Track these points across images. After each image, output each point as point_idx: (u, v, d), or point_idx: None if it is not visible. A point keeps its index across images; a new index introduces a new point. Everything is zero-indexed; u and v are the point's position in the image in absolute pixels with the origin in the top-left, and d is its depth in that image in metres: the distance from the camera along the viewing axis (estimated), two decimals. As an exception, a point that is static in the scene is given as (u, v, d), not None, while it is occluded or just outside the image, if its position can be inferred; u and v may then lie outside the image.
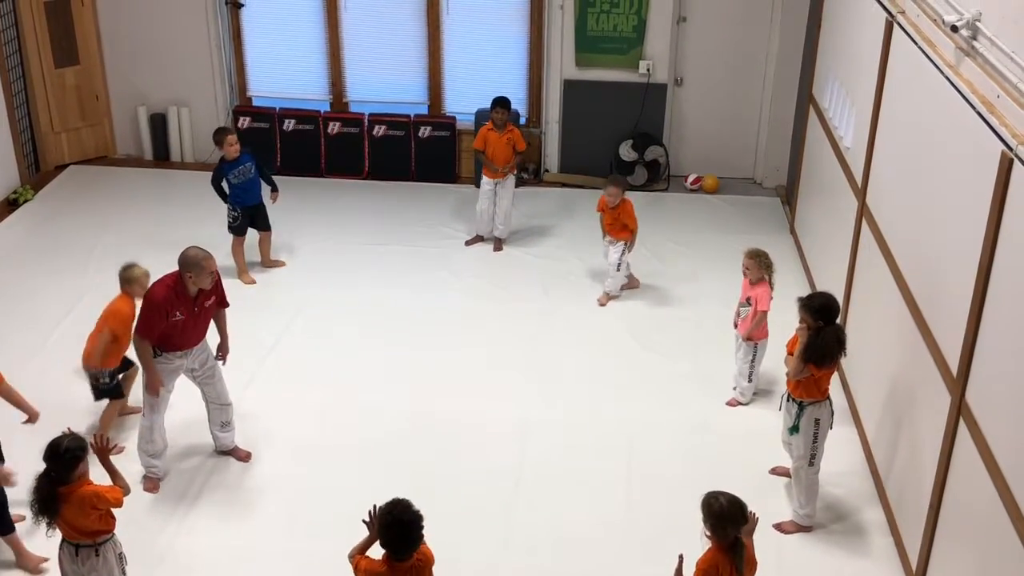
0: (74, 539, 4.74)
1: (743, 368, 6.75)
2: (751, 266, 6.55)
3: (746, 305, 6.63)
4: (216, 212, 9.50)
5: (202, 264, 5.63)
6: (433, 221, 9.50)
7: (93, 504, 4.67)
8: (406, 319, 7.83)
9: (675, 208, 9.86)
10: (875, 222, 6.47)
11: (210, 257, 5.69)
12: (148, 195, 9.85)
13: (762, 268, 6.54)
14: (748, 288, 6.63)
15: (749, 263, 6.56)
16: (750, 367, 6.73)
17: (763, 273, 6.55)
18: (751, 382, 6.78)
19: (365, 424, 6.60)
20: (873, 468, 6.18)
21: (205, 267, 5.64)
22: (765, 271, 6.55)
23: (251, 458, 6.25)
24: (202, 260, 5.64)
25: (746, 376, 6.76)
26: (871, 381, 6.34)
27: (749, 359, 6.71)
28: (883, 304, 6.13)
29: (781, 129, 10.06)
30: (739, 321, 6.72)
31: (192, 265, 5.62)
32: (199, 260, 5.64)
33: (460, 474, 6.14)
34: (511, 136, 8.68)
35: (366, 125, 10.34)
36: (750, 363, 6.71)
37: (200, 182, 10.22)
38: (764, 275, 6.55)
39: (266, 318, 7.73)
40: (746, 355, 6.70)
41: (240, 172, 8.06)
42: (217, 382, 6.06)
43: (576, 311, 8.01)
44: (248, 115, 10.39)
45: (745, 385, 6.79)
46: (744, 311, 6.66)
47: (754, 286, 6.58)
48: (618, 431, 6.57)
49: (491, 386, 7.03)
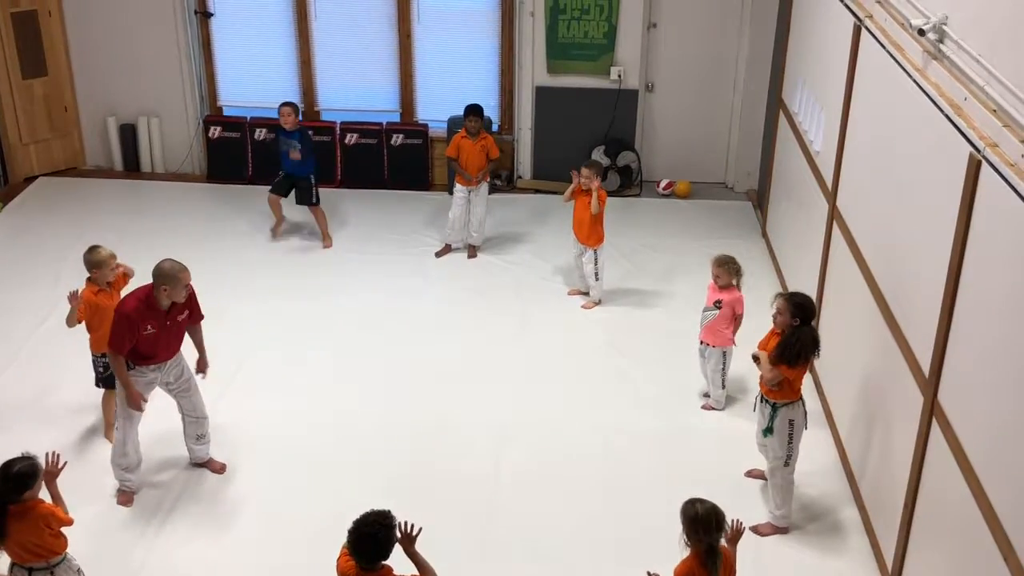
0: (26, 562, 4.67)
1: (715, 377, 6.74)
2: (720, 274, 6.53)
3: (712, 309, 6.61)
4: (189, 224, 9.45)
5: (178, 277, 5.58)
6: (406, 229, 9.49)
7: (47, 523, 4.61)
8: (380, 327, 7.81)
9: (647, 213, 9.89)
10: (846, 225, 6.51)
11: (185, 270, 5.64)
12: (119, 207, 9.77)
13: (731, 274, 6.53)
14: (716, 292, 6.62)
15: (718, 271, 6.53)
16: (722, 374, 6.73)
17: (732, 279, 6.54)
18: (724, 388, 6.79)
19: (341, 434, 6.57)
20: (847, 468, 6.21)
21: (180, 280, 5.60)
22: (734, 277, 6.55)
23: (226, 470, 6.20)
24: (178, 273, 5.60)
25: (719, 384, 6.76)
26: (844, 383, 6.38)
27: (720, 367, 6.71)
28: (855, 306, 6.17)
29: (752, 134, 10.12)
30: (703, 327, 6.69)
31: (167, 278, 5.57)
32: (174, 273, 5.59)
33: (436, 481, 6.13)
34: (484, 143, 8.68)
35: (338, 133, 10.31)
36: (721, 371, 6.72)
37: (172, 193, 10.21)
38: (734, 281, 6.55)
39: (239, 328, 7.68)
40: (717, 364, 6.70)
41: (286, 142, 8.72)
42: (193, 394, 6.02)
43: (550, 316, 8.02)
44: (219, 125, 10.33)
45: (719, 392, 6.80)
46: (709, 315, 6.63)
47: (723, 290, 6.58)
48: (594, 436, 6.58)
49: (467, 392, 7.02)
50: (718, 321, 6.57)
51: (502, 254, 9.05)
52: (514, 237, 9.37)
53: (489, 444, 6.48)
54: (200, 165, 10.62)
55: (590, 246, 7.94)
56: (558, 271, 8.68)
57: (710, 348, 6.67)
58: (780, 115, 8.83)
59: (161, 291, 5.58)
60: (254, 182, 10.23)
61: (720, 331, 6.58)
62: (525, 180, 10.49)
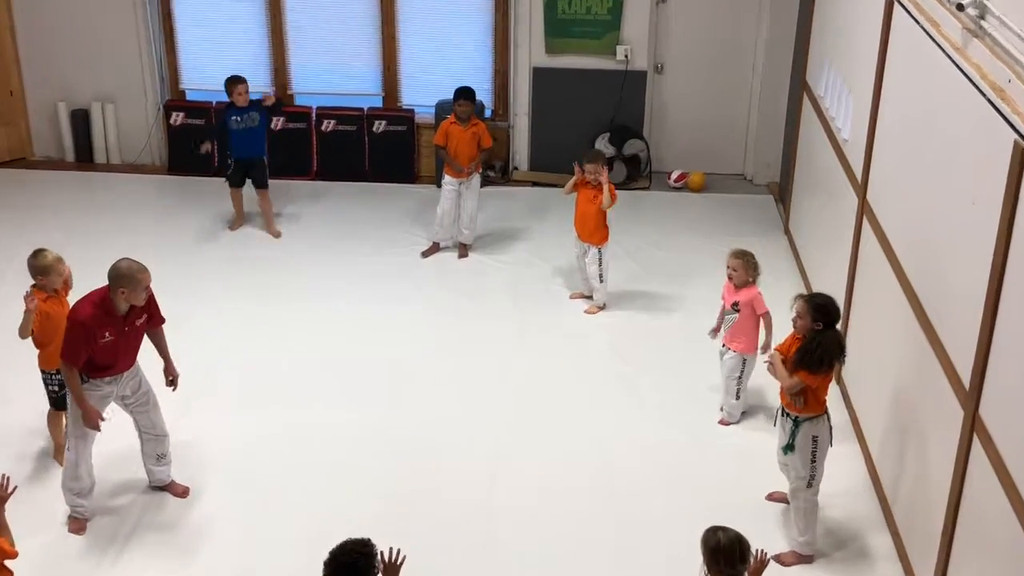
0: None
1: (730, 384, 6.74)
2: (738, 267, 6.54)
3: (732, 312, 6.62)
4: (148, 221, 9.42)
5: (136, 278, 5.57)
6: (391, 226, 9.47)
7: None
8: (360, 335, 7.79)
9: (658, 208, 9.89)
10: (877, 220, 6.51)
11: (145, 270, 5.63)
12: (70, 201, 9.76)
13: (749, 270, 6.54)
14: (732, 292, 6.62)
15: (736, 264, 6.55)
16: (737, 383, 6.72)
17: (750, 275, 6.55)
18: (739, 399, 6.77)
19: (317, 454, 6.56)
20: (878, 489, 6.21)
21: (140, 281, 5.58)
22: (751, 272, 6.56)
23: (189, 494, 6.18)
24: (136, 273, 5.58)
25: (733, 393, 6.75)
26: (875, 394, 6.38)
27: (736, 375, 6.70)
28: (887, 310, 6.17)
29: (773, 120, 10.13)
30: (726, 332, 6.71)
31: (125, 279, 5.55)
32: (133, 273, 5.57)
33: (422, 506, 6.11)
34: (476, 131, 8.68)
35: (314, 119, 10.30)
36: (737, 378, 6.70)
37: (129, 186, 10.19)
38: (751, 278, 6.56)
39: (203, 336, 7.66)
40: (733, 370, 6.69)
41: (244, 119, 8.76)
42: (151, 410, 6.00)
43: (550, 322, 8.01)
44: (181, 110, 10.33)
45: (733, 403, 6.78)
46: (731, 319, 6.64)
47: (739, 290, 6.57)
48: (599, 454, 6.57)
49: (457, 407, 7.01)
50: (741, 325, 6.57)
51: (496, 253, 9.04)
52: (509, 234, 9.36)
53: (482, 465, 6.47)
54: (160, 155, 10.61)
55: (594, 244, 7.94)
56: (558, 272, 8.67)
57: (729, 352, 6.67)
58: (804, 99, 8.83)
59: (118, 294, 5.56)
60: (220, 174, 10.21)
61: (743, 335, 6.58)
62: (521, 172, 10.49)
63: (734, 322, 6.62)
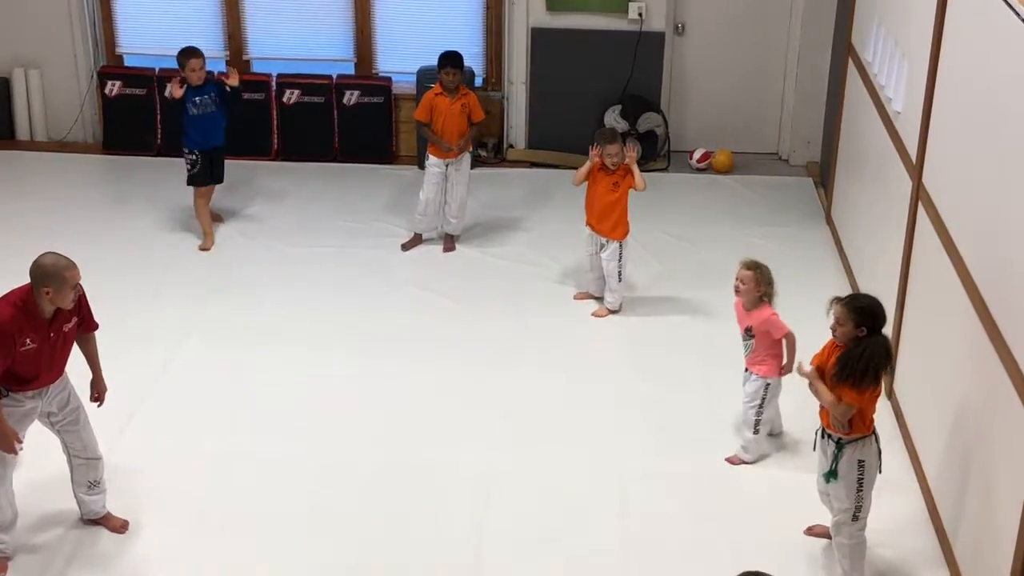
0: None
1: (748, 414, 6.64)
2: (747, 280, 6.41)
3: (747, 338, 6.58)
4: (80, 208, 9.39)
5: (63, 275, 5.56)
6: (364, 214, 9.48)
7: None
8: (328, 344, 7.80)
9: (678, 194, 9.90)
10: (935, 207, 6.53)
11: (73, 267, 5.62)
12: (-13, 185, 9.77)
13: (761, 286, 6.45)
14: (743, 315, 6.56)
15: (745, 276, 6.42)
16: (757, 412, 6.60)
17: (761, 292, 6.45)
18: (758, 432, 6.67)
19: (278, 480, 6.55)
20: (937, 522, 6.22)
21: (67, 279, 5.57)
22: (765, 289, 6.47)
23: (128, 528, 6.18)
24: (63, 270, 5.57)
25: (751, 424, 6.65)
26: (932, 412, 6.39)
27: (756, 402, 6.58)
28: (947, 313, 6.18)
29: (812, 90, 10.15)
30: (746, 357, 6.65)
31: (50, 277, 5.55)
32: (59, 270, 5.57)
33: (398, 546, 6.09)
34: (465, 103, 8.69)
35: (274, 89, 10.30)
36: (757, 407, 6.59)
37: (57, 167, 10.18)
38: (762, 295, 6.46)
39: (144, 343, 7.66)
40: (753, 396, 6.59)
41: (201, 102, 8.55)
42: (82, 429, 5.99)
43: (551, 328, 8.02)
44: (118, 78, 10.33)
45: (749, 437, 6.68)
46: (747, 345, 6.61)
47: (751, 312, 6.51)
48: (607, 485, 6.56)
49: (441, 429, 7.01)
50: (759, 352, 6.53)
51: (488, 247, 9.05)
52: (504, 225, 9.37)
53: (469, 497, 6.45)
54: (94, 131, 10.61)
55: (614, 239, 7.94)
56: (562, 269, 8.68)
57: (751, 376, 6.63)
58: (849, 65, 8.85)
59: (42, 294, 5.56)
60: (165, 153, 10.21)
61: (769, 359, 6.55)
62: (518, 151, 10.50)
63: (751, 349, 6.56)
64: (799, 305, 6.77)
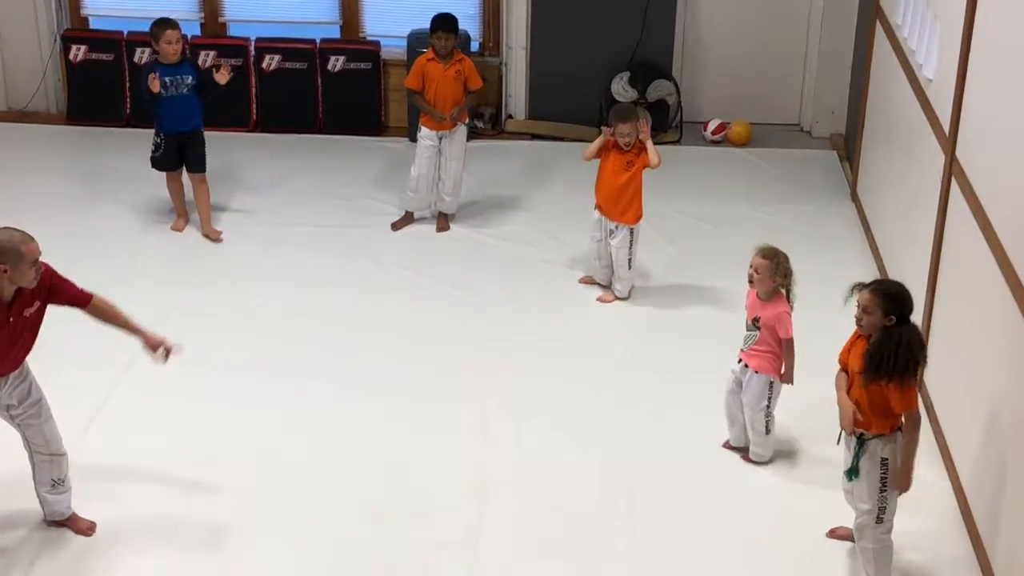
0: None
1: (755, 419, 6.60)
2: (762, 270, 6.35)
3: (752, 329, 6.55)
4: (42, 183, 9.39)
5: (19, 251, 5.53)
6: (351, 191, 9.48)
7: None
8: (313, 332, 7.80)
9: (691, 168, 9.89)
10: (969, 183, 6.52)
11: (30, 240, 5.58)
12: (-58, 158, 9.77)
13: (778, 275, 6.41)
14: (756, 304, 6.55)
15: (760, 265, 6.37)
16: (765, 414, 6.58)
17: (777, 282, 6.43)
18: (770, 432, 6.66)
19: (257, 478, 6.56)
20: (970, 525, 6.23)
21: (23, 255, 5.54)
22: (782, 280, 6.43)
23: (95, 531, 6.18)
24: (19, 245, 5.54)
25: (761, 427, 6.62)
26: (966, 405, 6.39)
27: (763, 404, 6.56)
28: (982, 298, 6.17)
29: (837, 56, 10.13)
30: (744, 347, 6.66)
31: (4, 254, 5.51)
32: (14, 245, 5.53)
33: (388, 549, 6.10)
34: (460, 69, 8.67)
35: (252, 55, 10.28)
36: (765, 409, 6.57)
37: (17, 139, 10.15)
38: (779, 286, 6.44)
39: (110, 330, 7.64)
40: (758, 399, 6.55)
41: (173, 83, 8.35)
42: (44, 423, 5.98)
43: (553, 315, 8.03)
44: (83, 42, 10.30)
45: (762, 440, 6.67)
46: (750, 336, 6.61)
47: (765, 303, 6.49)
48: (612, 486, 6.57)
49: (438, 421, 7.01)
50: (761, 346, 6.50)
51: (485, 226, 9.05)
52: (502, 202, 9.37)
53: (465, 497, 6.46)
54: (57, 100, 10.60)
55: (626, 223, 7.92)
56: (564, 249, 8.68)
57: (751, 372, 6.59)
58: (876, 29, 8.83)
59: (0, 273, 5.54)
60: (134, 124, 10.18)
61: (769, 355, 6.52)
62: (517, 121, 10.48)
63: (754, 341, 6.53)
64: (822, 290, 6.78)
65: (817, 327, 6.79)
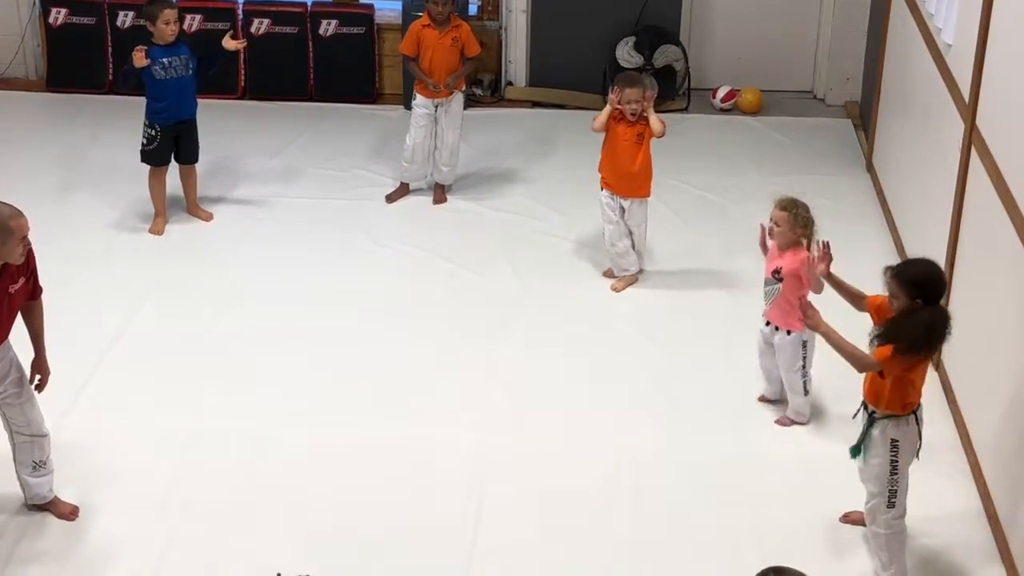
0: None
1: (791, 379, 6.72)
2: (782, 222, 6.48)
3: (773, 282, 6.59)
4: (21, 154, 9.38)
5: (8, 226, 5.52)
6: (343, 161, 9.47)
7: None
8: (304, 311, 7.80)
9: (699, 137, 9.88)
10: (990, 154, 6.51)
11: (19, 215, 5.58)
12: (-84, 127, 9.76)
13: (798, 226, 6.48)
14: (775, 254, 6.61)
15: (780, 217, 6.49)
16: (802, 375, 6.70)
17: (798, 233, 6.49)
18: (808, 393, 6.78)
19: (248, 460, 6.57)
20: (990, 510, 6.23)
21: (13, 230, 5.53)
22: (802, 231, 6.50)
23: (78, 515, 6.20)
24: (7, 220, 5.53)
25: (800, 389, 6.74)
26: (986, 386, 6.39)
27: (798, 365, 6.67)
28: (1003, 275, 6.17)
29: (851, 20, 10.12)
30: (768, 305, 6.69)
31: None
32: (4, 220, 5.52)
33: (383, 537, 6.11)
34: (457, 35, 8.66)
35: (239, 19, 10.26)
36: (801, 369, 6.68)
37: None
38: (800, 237, 6.50)
39: (94, 309, 7.66)
40: (792, 360, 6.65)
41: (171, 64, 8.04)
42: (26, 403, 5.99)
43: (556, 292, 8.03)
44: (64, 5, 10.28)
45: (800, 401, 6.79)
46: (772, 290, 6.63)
47: (784, 253, 6.54)
48: (619, 470, 6.58)
49: (436, 403, 7.02)
50: (787, 298, 6.54)
51: (484, 198, 9.05)
52: (502, 173, 9.36)
53: (465, 484, 6.47)
54: (36, 67, 10.59)
55: (639, 197, 7.89)
56: (566, 222, 8.68)
57: (781, 333, 6.66)
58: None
59: (-14, 248, 5.54)
60: (117, 91, 10.16)
61: (791, 313, 6.55)
62: (517, 88, 10.47)
63: (777, 295, 6.57)
64: (836, 264, 6.72)
65: (832, 302, 6.78)
